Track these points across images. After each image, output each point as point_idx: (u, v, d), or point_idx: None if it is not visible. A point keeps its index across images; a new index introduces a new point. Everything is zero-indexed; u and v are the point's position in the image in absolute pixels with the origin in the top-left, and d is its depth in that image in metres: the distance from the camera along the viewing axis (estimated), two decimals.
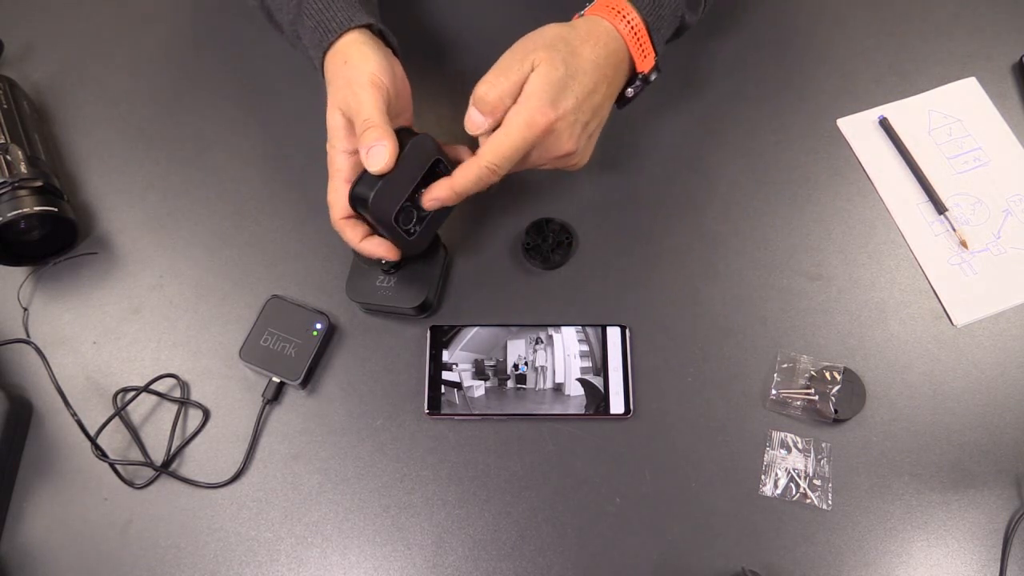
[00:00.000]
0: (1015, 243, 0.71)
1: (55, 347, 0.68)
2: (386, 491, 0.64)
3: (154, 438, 0.66)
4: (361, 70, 0.59)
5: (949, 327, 0.68)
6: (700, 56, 0.79)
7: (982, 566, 0.60)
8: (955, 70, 0.78)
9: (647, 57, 0.62)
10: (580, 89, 0.58)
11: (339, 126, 0.60)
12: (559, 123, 0.58)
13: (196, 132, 0.78)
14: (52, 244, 0.71)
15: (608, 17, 0.60)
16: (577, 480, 0.63)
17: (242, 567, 0.62)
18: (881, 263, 0.70)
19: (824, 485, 0.62)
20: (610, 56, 0.60)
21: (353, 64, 0.60)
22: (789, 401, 0.65)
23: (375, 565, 0.62)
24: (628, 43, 0.61)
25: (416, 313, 0.68)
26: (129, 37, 0.82)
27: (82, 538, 0.63)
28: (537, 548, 0.62)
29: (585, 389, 0.65)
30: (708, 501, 0.62)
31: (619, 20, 0.60)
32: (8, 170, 0.67)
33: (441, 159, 0.60)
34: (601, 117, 0.63)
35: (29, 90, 0.78)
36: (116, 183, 0.76)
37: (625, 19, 0.60)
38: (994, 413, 0.65)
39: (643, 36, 0.61)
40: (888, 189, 0.73)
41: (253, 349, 0.67)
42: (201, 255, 0.72)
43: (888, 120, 0.76)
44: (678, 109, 0.77)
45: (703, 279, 0.70)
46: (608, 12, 0.61)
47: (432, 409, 0.65)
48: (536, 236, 0.71)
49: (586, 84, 0.59)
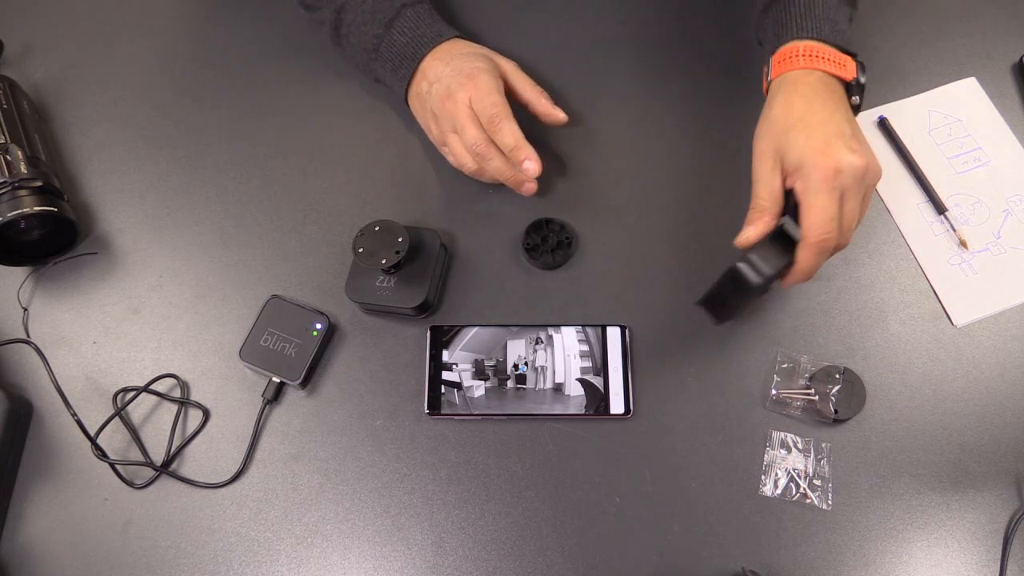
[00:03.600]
0: (1015, 243, 0.71)
1: (55, 347, 0.68)
2: (386, 491, 0.64)
3: (154, 438, 0.66)
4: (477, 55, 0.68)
5: (949, 327, 0.68)
6: (700, 57, 0.79)
7: (982, 566, 0.60)
8: (955, 70, 0.78)
9: (844, 65, 0.62)
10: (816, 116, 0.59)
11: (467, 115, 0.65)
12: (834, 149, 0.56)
13: (196, 132, 0.78)
14: (52, 244, 0.71)
15: (785, 70, 0.62)
16: (577, 480, 0.63)
17: (242, 567, 0.62)
18: (881, 263, 0.70)
19: (824, 485, 0.62)
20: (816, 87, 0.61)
21: (467, 55, 0.68)
22: (789, 401, 0.65)
23: (375, 565, 0.62)
24: (816, 68, 0.61)
25: (416, 313, 0.68)
26: (129, 37, 0.82)
27: (82, 538, 0.63)
28: (537, 548, 0.62)
29: (585, 389, 0.65)
30: (708, 501, 0.62)
31: (794, 63, 0.62)
32: (8, 170, 0.67)
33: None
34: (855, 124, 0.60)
35: (29, 90, 0.78)
36: (116, 183, 0.76)
37: (799, 59, 0.62)
38: (994, 413, 0.65)
39: (823, 53, 0.61)
40: (888, 189, 0.73)
41: (253, 349, 0.67)
42: (201, 255, 0.72)
43: (888, 120, 0.76)
44: (678, 109, 0.77)
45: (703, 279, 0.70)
46: (782, 66, 0.63)
47: (432, 409, 0.65)
48: (536, 236, 0.71)
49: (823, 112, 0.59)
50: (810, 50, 0.62)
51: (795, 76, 0.62)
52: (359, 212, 0.72)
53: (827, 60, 0.61)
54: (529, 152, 0.64)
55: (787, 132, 0.59)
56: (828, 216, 0.56)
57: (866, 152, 0.58)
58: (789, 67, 0.62)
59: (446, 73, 0.67)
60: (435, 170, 0.74)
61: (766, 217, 0.59)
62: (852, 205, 0.57)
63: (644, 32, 0.81)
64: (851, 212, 0.57)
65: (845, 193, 0.57)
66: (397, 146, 0.76)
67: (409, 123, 0.76)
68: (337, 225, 0.73)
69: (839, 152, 0.56)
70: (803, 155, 0.57)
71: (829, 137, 0.57)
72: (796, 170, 0.58)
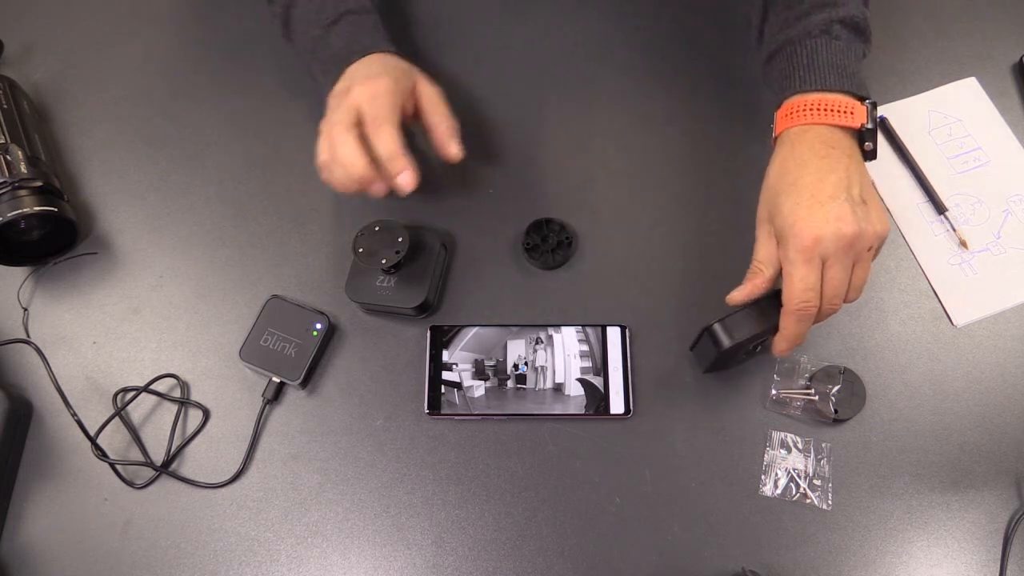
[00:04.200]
0: (1015, 243, 0.71)
1: (55, 347, 0.68)
2: (386, 491, 0.64)
3: (154, 438, 0.66)
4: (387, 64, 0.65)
5: (949, 327, 0.68)
6: (701, 57, 0.79)
7: (982, 566, 0.60)
8: (955, 70, 0.78)
9: (851, 112, 0.59)
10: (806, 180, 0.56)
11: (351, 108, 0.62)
12: (816, 218, 0.55)
13: (196, 132, 0.78)
14: (52, 244, 0.71)
15: (788, 126, 0.60)
16: (577, 480, 0.63)
17: (242, 567, 0.62)
18: (881, 263, 0.70)
19: (824, 485, 0.62)
20: (814, 145, 0.58)
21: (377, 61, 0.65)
22: (789, 401, 0.65)
23: (375, 565, 0.62)
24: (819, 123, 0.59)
25: (416, 313, 0.68)
26: (129, 37, 0.82)
27: (82, 538, 0.63)
28: (537, 548, 0.62)
29: (585, 389, 0.65)
30: (708, 501, 0.62)
31: (796, 119, 0.59)
32: (8, 170, 0.67)
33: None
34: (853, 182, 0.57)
35: (29, 90, 0.78)
36: (116, 183, 0.76)
37: (801, 115, 0.59)
38: (994, 413, 0.65)
39: (828, 104, 0.59)
40: (888, 189, 0.73)
41: (253, 349, 0.67)
42: (201, 255, 0.72)
43: (888, 120, 0.76)
44: (678, 109, 0.77)
45: (703, 279, 0.70)
46: (785, 121, 0.60)
47: (432, 409, 0.65)
48: (536, 236, 0.71)
49: (816, 173, 0.57)
50: (813, 104, 0.59)
51: (795, 133, 0.59)
52: (359, 212, 0.72)
53: (831, 112, 0.58)
54: (404, 164, 0.61)
55: (777, 196, 0.57)
56: (805, 286, 0.55)
57: (862, 216, 0.55)
58: (791, 123, 0.60)
59: (359, 74, 0.65)
60: (435, 170, 0.74)
61: (758, 280, 0.58)
62: (836, 272, 0.55)
63: (644, 32, 0.81)
64: (836, 279, 0.55)
65: (827, 261, 0.55)
66: None
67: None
68: (337, 225, 0.73)
69: (820, 221, 0.54)
70: (784, 223, 0.56)
71: (815, 204, 0.55)
72: (779, 237, 0.57)
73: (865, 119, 0.59)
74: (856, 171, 0.57)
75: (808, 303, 0.55)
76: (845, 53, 0.61)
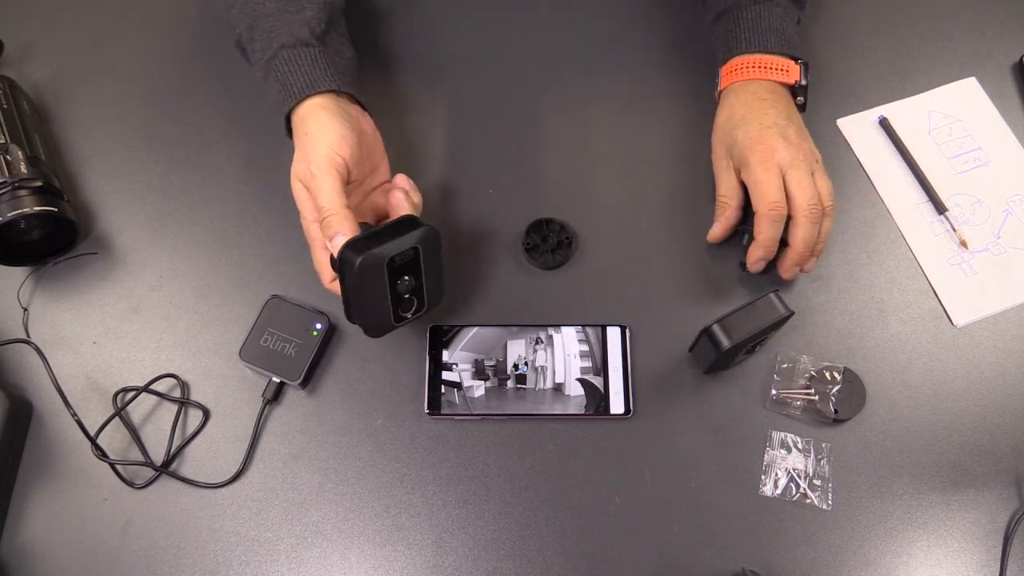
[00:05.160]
0: (1015, 243, 0.71)
1: (55, 347, 0.68)
2: (386, 491, 0.64)
3: (154, 438, 0.66)
4: (319, 145, 0.59)
5: (949, 327, 0.68)
6: (700, 57, 0.79)
7: (982, 566, 0.60)
8: (955, 70, 0.78)
9: (787, 71, 0.68)
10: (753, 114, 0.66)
11: (305, 198, 0.61)
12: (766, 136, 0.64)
13: (196, 132, 0.78)
14: (52, 244, 0.71)
15: (732, 81, 0.69)
16: (577, 480, 0.63)
17: (242, 567, 0.62)
18: (881, 263, 0.70)
19: (824, 485, 0.62)
20: (758, 92, 0.68)
21: (312, 137, 0.60)
22: (789, 401, 0.65)
23: (375, 565, 0.62)
24: (760, 78, 0.68)
25: None
26: (129, 37, 0.82)
27: (82, 538, 0.63)
28: (537, 548, 0.62)
29: (585, 389, 0.65)
30: (708, 501, 0.62)
31: (739, 75, 0.69)
32: (8, 170, 0.67)
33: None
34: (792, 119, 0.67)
35: (29, 90, 0.78)
36: (116, 183, 0.76)
37: (744, 71, 0.69)
38: (994, 413, 0.65)
39: (768, 63, 0.68)
40: (888, 189, 0.73)
41: (253, 349, 0.67)
42: (201, 255, 0.72)
43: (888, 120, 0.76)
44: (678, 108, 0.77)
45: (703, 279, 0.70)
46: (730, 77, 0.70)
47: (432, 409, 0.65)
48: (536, 236, 0.71)
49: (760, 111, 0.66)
50: (755, 62, 0.68)
51: (740, 86, 0.69)
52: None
53: (770, 70, 0.68)
54: (338, 228, 0.56)
55: (731, 132, 0.67)
56: (772, 187, 0.63)
57: (801, 140, 0.65)
58: (735, 79, 0.69)
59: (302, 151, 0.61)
60: (435, 170, 0.75)
61: (728, 212, 0.68)
62: (798, 176, 0.63)
63: (645, 31, 0.81)
64: (800, 181, 0.63)
65: (786, 169, 0.63)
66: (396, 146, 0.76)
67: (408, 122, 0.76)
68: None
69: (770, 137, 0.64)
70: (743, 146, 0.65)
71: (764, 128, 0.65)
72: (740, 162, 0.66)
73: (799, 76, 0.69)
74: (793, 113, 0.68)
75: (777, 202, 0.63)
76: (783, 18, 0.70)
